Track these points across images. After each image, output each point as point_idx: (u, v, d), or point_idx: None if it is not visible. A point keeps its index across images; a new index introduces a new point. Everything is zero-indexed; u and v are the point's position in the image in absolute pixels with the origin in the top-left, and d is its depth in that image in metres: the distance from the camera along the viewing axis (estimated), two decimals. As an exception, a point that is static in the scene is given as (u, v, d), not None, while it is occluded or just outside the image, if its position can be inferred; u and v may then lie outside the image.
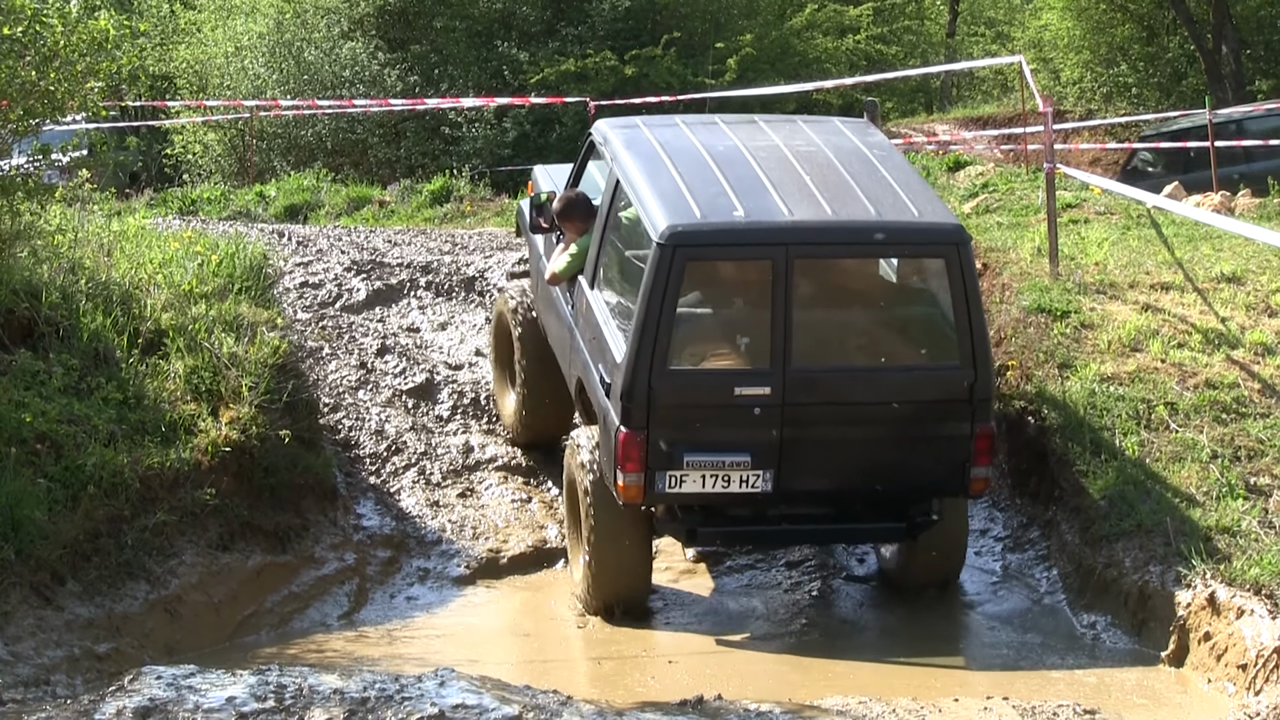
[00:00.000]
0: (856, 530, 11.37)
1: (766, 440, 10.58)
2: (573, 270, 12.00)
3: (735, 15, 32.57)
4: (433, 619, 11.72)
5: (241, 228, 17.82)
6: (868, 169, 11.38)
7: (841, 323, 11.15)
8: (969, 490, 10.91)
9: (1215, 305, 13.36)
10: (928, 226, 10.81)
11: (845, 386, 10.70)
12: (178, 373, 12.18)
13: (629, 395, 10.50)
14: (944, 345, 10.83)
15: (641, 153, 11.58)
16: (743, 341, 10.84)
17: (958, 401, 10.68)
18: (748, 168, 11.23)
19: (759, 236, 10.59)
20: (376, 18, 31.30)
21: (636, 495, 10.67)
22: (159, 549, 11.24)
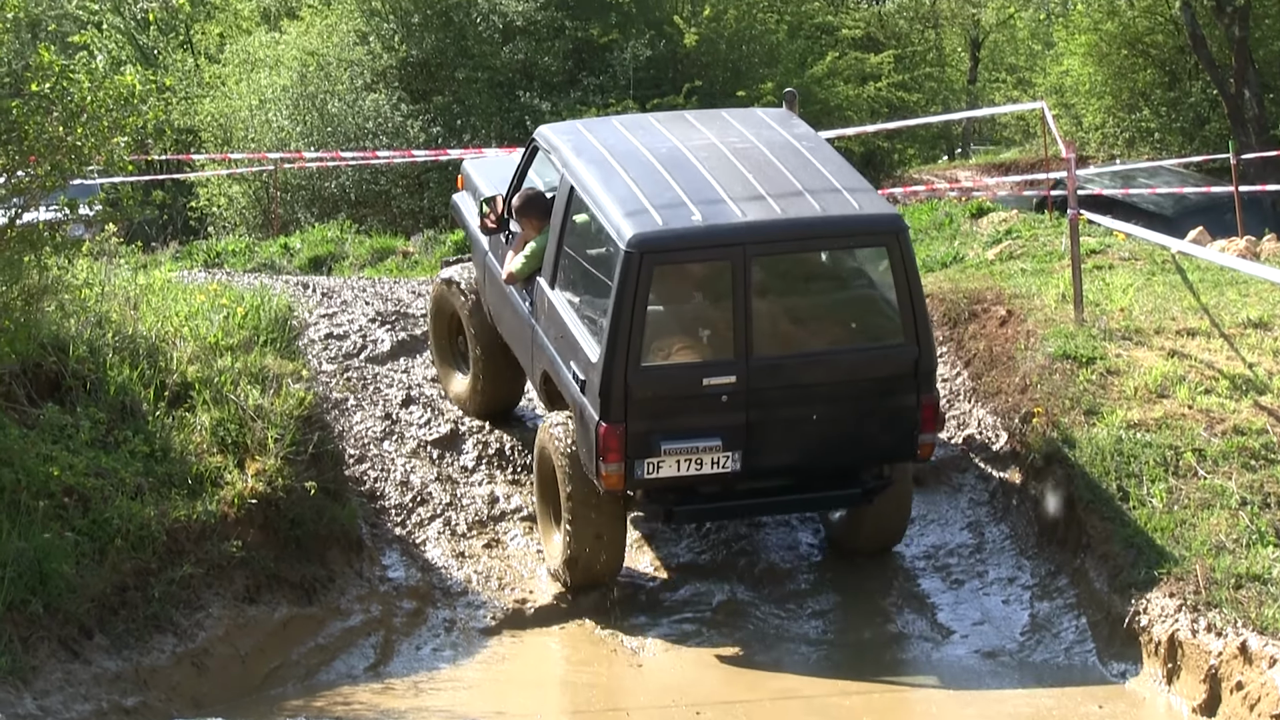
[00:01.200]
0: (818, 498, 12.28)
1: (734, 424, 11.49)
2: (529, 270, 12.70)
3: (756, 64, 32.65)
4: (459, 671, 11.70)
5: (266, 280, 17.86)
6: (802, 162, 12.25)
7: (796, 312, 12.03)
8: (918, 455, 11.90)
9: (1242, 351, 13.33)
10: (869, 218, 11.73)
11: (803, 370, 11.62)
12: (204, 425, 12.22)
13: (607, 392, 11.36)
14: (889, 326, 11.80)
15: (592, 159, 12.36)
16: (707, 335, 11.72)
17: (905, 376, 11.67)
18: (693, 169, 12.07)
19: (718, 239, 11.49)
20: (399, 70, 31.42)
21: (618, 483, 11.52)
22: (186, 602, 11.26)
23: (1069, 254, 14.62)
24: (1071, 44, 35.80)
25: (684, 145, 12.45)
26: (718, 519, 12.86)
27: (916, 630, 12.04)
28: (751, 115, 13.30)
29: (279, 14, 35.26)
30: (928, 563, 12.84)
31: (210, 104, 32.68)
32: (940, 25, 45.37)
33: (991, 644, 11.77)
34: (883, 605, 12.39)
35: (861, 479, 12.06)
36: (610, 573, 12.29)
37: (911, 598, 12.44)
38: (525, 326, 12.88)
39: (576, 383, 11.75)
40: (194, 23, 38.60)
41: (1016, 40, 44.41)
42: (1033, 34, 40.76)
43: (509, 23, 31.23)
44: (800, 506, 12.64)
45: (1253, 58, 30.83)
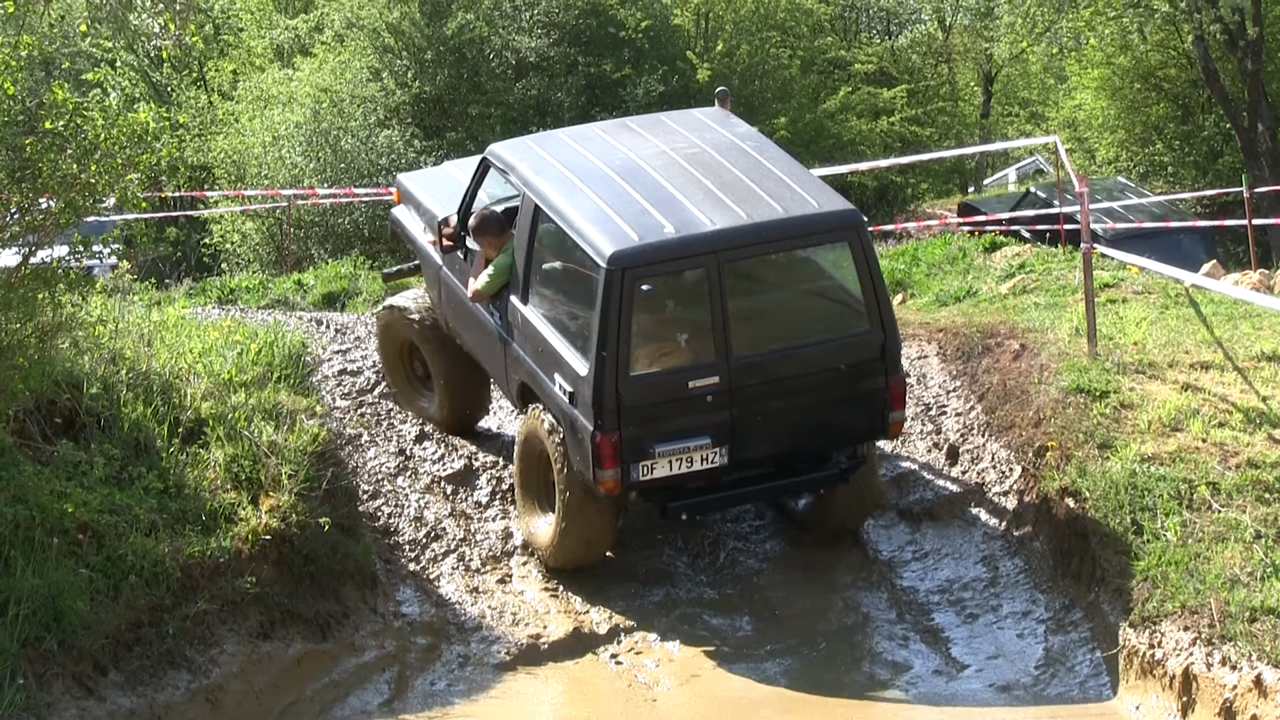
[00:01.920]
0: (800, 481, 12.83)
1: (720, 421, 12.07)
2: (496, 287, 13.11)
3: (770, 99, 32.77)
4: (473, 706, 11.70)
5: (280, 316, 17.91)
6: (752, 163, 12.79)
7: (769, 310, 12.61)
8: (888, 433, 12.60)
9: (1256, 384, 13.33)
10: (830, 216, 12.28)
11: (780, 365, 12.21)
12: (218, 461, 12.26)
13: (600, 403, 11.86)
14: (855, 314, 12.39)
15: (552, 177, 12.81)
16: (688, 340, 12.27)
17: (873, 360, 12.32)
18: (652, 180, 12.55)
19: (693, 249, 11.98)
20: (412, 106, 31.55)
21: (615, 487, 12.07)
22: (200, 638, 11.28)
23: (1082, 288, 14.65)
24: (1084, 78, 35.88)
25: (636, 155, 12.91)
26: (709, 510, 13.31)
27: (931, 664, 12.04)
28: (691, 118, 13.83)
29: (292, 51, 35.45)
30: (942, 596, 12.84)
31: (224, 141, 32.83)
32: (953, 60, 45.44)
33: (1006, 678, 11.76)
34: (897, 639, 12.38)
35: (837, 460, 12.68)
36: (597, 561, 12.93)
37: (926, 631, 12.44)
38: (496, 341, 13.27)
39: (564, 394, 12.20)
40: (208, 60, 38.80)
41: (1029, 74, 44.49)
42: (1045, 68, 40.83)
43: (522, 59, 31.37)
44: (784, 490, 13.11)
45: (1265, 91, 30.85)
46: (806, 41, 36.67)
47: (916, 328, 15.95)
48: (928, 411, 14.65)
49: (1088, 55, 34.88)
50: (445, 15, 31.37)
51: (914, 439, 14.43)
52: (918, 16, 46.03)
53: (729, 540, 13.57)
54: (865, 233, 12.26)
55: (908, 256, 19.69)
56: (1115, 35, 32.21)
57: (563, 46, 31.50)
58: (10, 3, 11.94)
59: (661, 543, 13.51)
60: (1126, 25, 31.02)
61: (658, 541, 13.51)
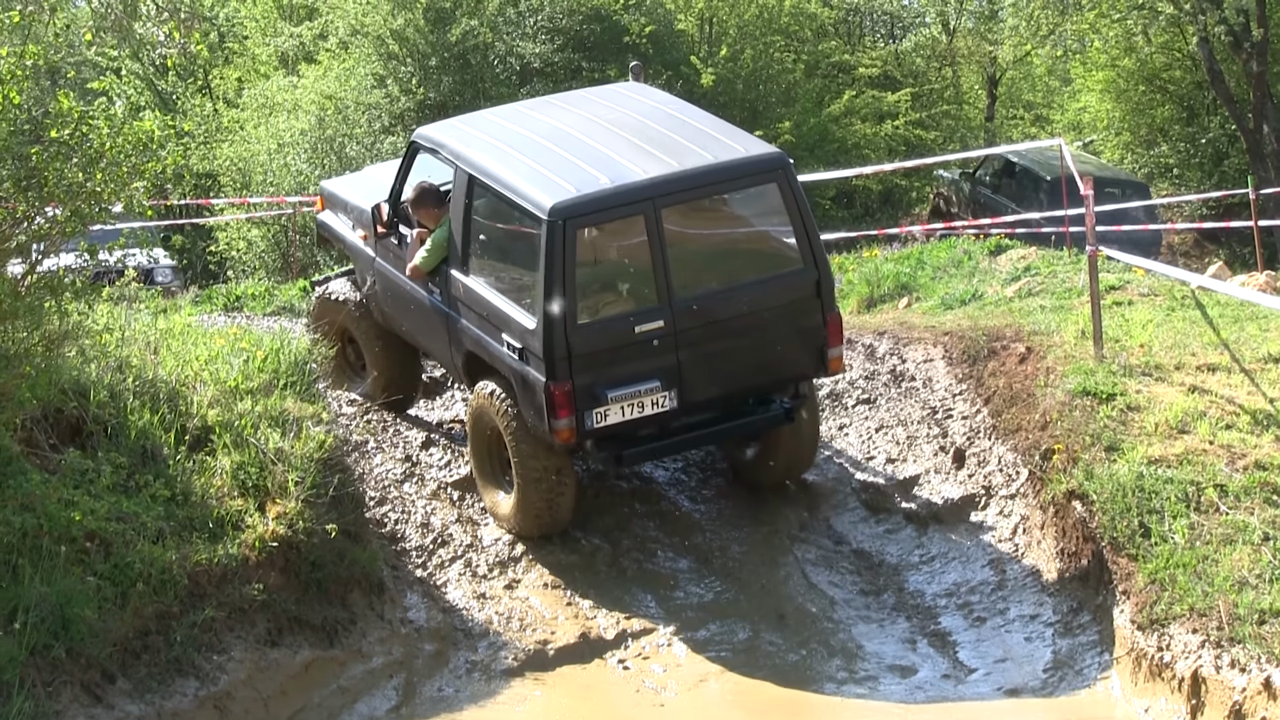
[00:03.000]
0: (747, 422, 13.22)
1: (668, 365, 12.49)
2: (434, 262, 13.47)
3: (773, 103, 32.79)
4: (481, 712, 11.71)
5: (286, 323, 17.93)
6: (677, 122, 13.26)
7: (706, 253, 13.00)
8: (829, 368, 13.04)
9: (1263, 386, 13.32)
10: (757, 159, 12.79)
11: (721, 305, 12.61)
12: (224, 469, 12.26)
13: (550, 354, 12.22)
14: (789, 254, 12.83)
15: (482, 148, 13.21)
16: (630, 286, 12.62)
17: (808, 298, 12.77)
18: (580, 142, 12.96)
19: (629, 196, 12.38)
20: (417, 112, 31.56)
21: (570, 436, 12.41)
22: (208, 645, 11.28)
23: (1088, 290, 14.64)
24: (1089, 80, 35.88)
25: (562, 124, 13.37)
26: (663, 455, 13.70)
27: (939, 668, 12.03)
28: (611, 91, 14.43)
29: (297, 58, 35.48)
30: (949, 600, 12.83)
31: (229, 148, 32.85)
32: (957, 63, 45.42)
33: (1014, 681, 11.76)
34: (904, 643, 12.38)
35: (781, 401, 13.16)
36: (564, 521, 13.26)
37: (933, 635, 12.44)
38: (437, 317, 13.64)
39: (514, 352, 12.58)
40: (212, 68, 38.83)
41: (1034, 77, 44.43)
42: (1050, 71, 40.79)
43: (526, 65, 31.40)
44: (732, 432, 13.45)
45: (1271, 93, 30.83)
46: (810, 46, 36.66)
47: (922, 331, 15.95)
48: (934, 415, 14.65)
49: (1092, 58, 34.86)
50: (449, 22, 31.40)
51: (920, 442, 14.43)
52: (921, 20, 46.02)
53: (734, 545, 13.57)
54: (792, 173, 12.71)
55: (913, 260, 19.69)
56: (1120, 37, 32.22)
57: (566, 52, 31.53)
58: (15, 12, 11.95)
59: (667, 546, 13.51)
60: (1131, 27, 31.03)
61: (664, 545, 13.51)
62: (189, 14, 16.18)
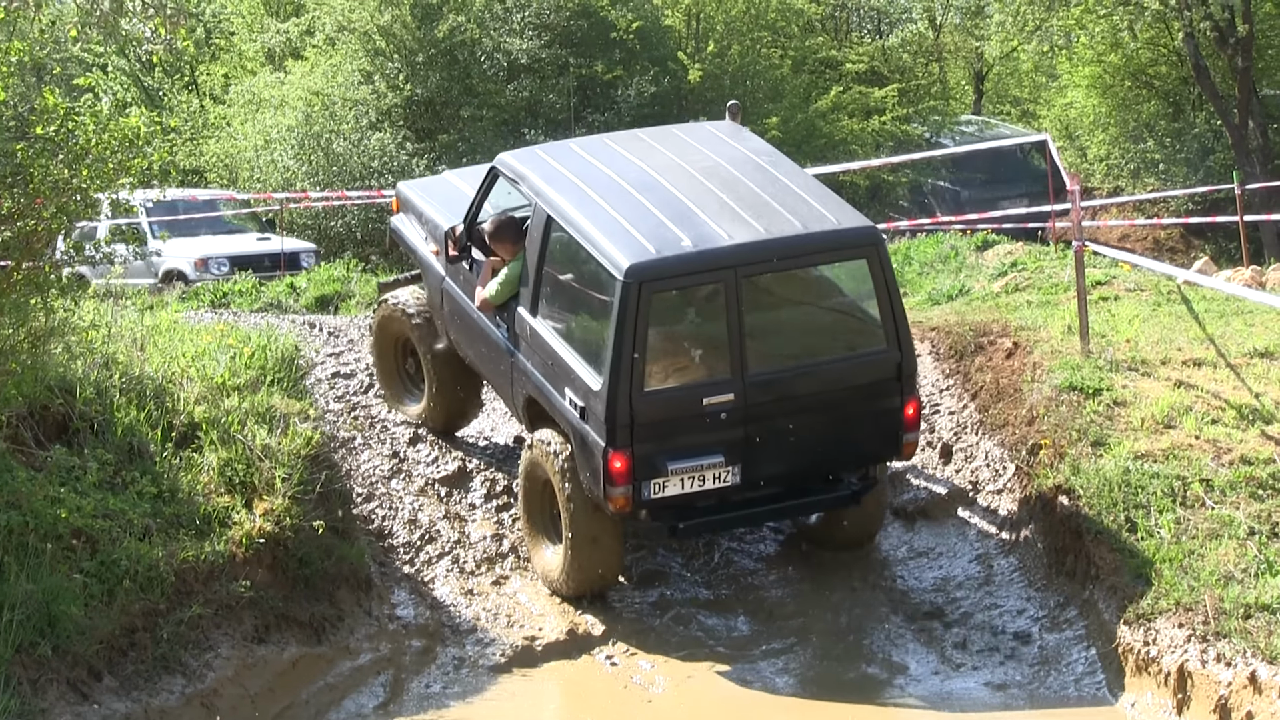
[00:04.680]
0: (811, 502, 12.73)
1: (734, 439, 11.87)
2: (505, 297, 12.89)
3: (761, 99, 32.71)
4: (469, 708, 11.70)
5: (273, 320, 17.91)
6: (768, 178, 12.57)
7: (785, 327, 12.48)
8: (903, 453, 12.44)
9: (1249, 380, 13.33)
10: (849, 232, 12.08)
11: (795, 383, 12.01)
12: (211, 466, 12.25)
13: (613, 419, 11.62)
14: (872, 333, 12.25)
15: (564, 188, 12.57)
16: (703, 355, 12.03)
17: (888, 380, 12.16)
18: (667, 193, 12.30)
19: (710, 263, 11.74)
20: (404, 109, 31.50)
21: (625, 505, 11.82)
22: (195, 642, 11.27)
23: (1074, 285, 14.65)
24: (1075, 76, 35.85)
25: (649, 167, 12.72)
26: (720, 530, 13.22)
27: (926, 663, 12.04)
28: (703, 131, 13.67)
29: (283, 54, 35.40)
30: (937, 595, 12.84)
31: (216, 145, 32.79)
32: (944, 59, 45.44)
33: (1002, 677, 11.76)
34: (892, 638, 12.39)
35: (849, 481, 12.59)
36: (610, 583, 12.76)
37: (921, 630, 12.44)
38: (501, 352, 13.06)
39: (575, 409, 11.97)
40: (199, 64, 38.75)
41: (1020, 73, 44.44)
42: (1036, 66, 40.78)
43: (513, 61, 31.34)
44: (795, 511, 12.98)
45: (1256, 88, 30.84)
46: (797, 41, 36.58)
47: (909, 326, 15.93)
48: (921, 410, 14.64)
49: (1078, 53, 34.85)
50: (436, 18, 31.33)
51: (907, 438, 14.42)
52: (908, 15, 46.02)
53: (723, 540, 13.56)
54: (884, 250, 12.10)
55: (900, 255, 19.69)
56: (1106, 33, 32.19)
57: (554, 48, 31.44)
58: (0, 9, 11.93)
59: (655, 544, 13.50)
60: (1117, 23, 31.00)
61: (650, 543, 13.50)
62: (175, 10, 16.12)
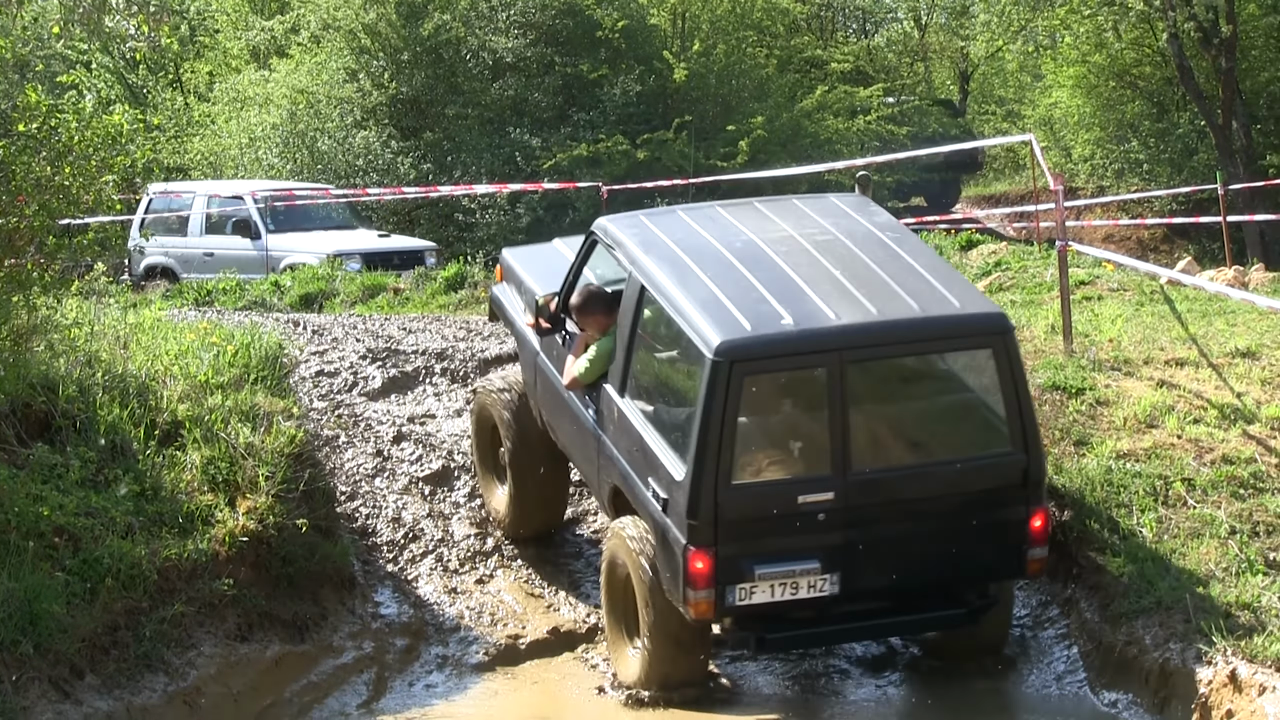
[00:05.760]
0: (920, 620, 11.27)
1: (832, 544, 10.54)
2: (595, 375, 11.71)
3: (746, 98, 32.77)
4: (452, 707, 11.71)
5: (257, 318, 17.90)
6: (890, 255, 11.32)
7: (895, 421, 11.07)
8: (1025, 571, 11.00)
9: (1231, 380, 13.37)
10: (973, 318, 10.83)
11: (905, 485, 10.69)
12: (194, 464, 12.25)
13: (695, 513, 10.38)
14: (996, 433, 10.87)
15: (662, 256, 11.38)
16: (800, 448, 10.75)
17: (1013, 487, 10.76)
18: (774, 266, 11.09)
19: (812, 344, 10.50)
20: (389, 107, 31.54)
21: (707, 610, 10.55)
22: (177, 640, 11.27)
23: (1058, 285, 14.68)
24: (1060, 76, 35.98)
25: (759, 238, 11.53)
26: (813, 645, 11.85)
27: (907, 661, 12.05)
28: (827, 203, 12.40)
29: (268, 52, 35.42)
30: (919, 595, 12.83)
31: (200, 142, 32.79)
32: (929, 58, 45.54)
33: (982, 674, 11.77)
34: (875, 637, 12.39)
35: (965, 598, 11.18)
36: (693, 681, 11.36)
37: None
38: (589, 435, 11.86)
39: (657, 501, 10.77)
40: (183, 62, 38.74)
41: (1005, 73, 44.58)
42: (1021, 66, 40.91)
43: (499, 59, 31.37)
44: (901, 629, 11.60)
45: (1240, 89, 30.96)
46: (783, 41, 36.70)
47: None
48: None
49: (1063, 53, 34.96)
50: (421, 16, 31.35)
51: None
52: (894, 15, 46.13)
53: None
54: (1012, 340, 10.80)
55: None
56: (1090, 33, 32.32)
57: (539, 47, 31.48)
58: (-17, 6, 11.93)
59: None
60: (1101, 23, 31.12)
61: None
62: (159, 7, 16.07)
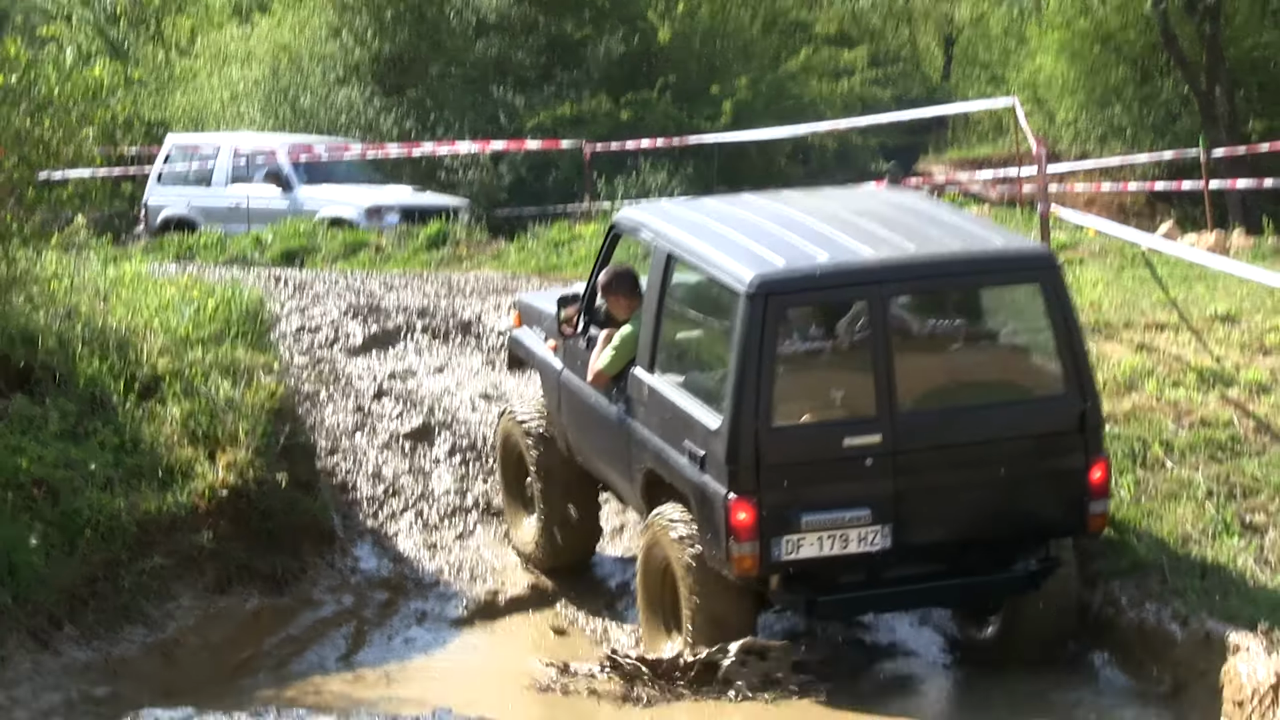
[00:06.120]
0: (979, 584, 10.57)
1: (882, 492, 10.00)
2: (621, 363, 11.15)
3: (730, 59, 32.69)
4: (430, 661, 11.74)
5: (238, 273, 17.88)
6: (929, 216, 11.07)
7: (943, 361, 10.57)
8: (1087, 527, 10.44)
9: (1210, 344, 13.41)
10: (1018, 252, 10.64)
11: (955, 428, 10.20)
12: (174, 417, 12.24)
13: (734, 458, 9.85)
14: (1048, 375, 10.43)
15: (689, 224, 11.09)
16: (844, 389, 10.25)
17: (1069, 433, 10.25)
18: (808, 225, 10.68)
19: (851, 277, 10.12)
20: (372, 64, 31.40)
21: (752, 566, 9.92)
22: (156, 592, 11.29)
23: (1039, 248, 14.68)
24: (1044, 41, 35.86)
25: (791, 209, 11.22)
26: (867, 611, 11.22)
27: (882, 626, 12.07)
28: (859, 190, 12.00)
29: (250, 7, 35.23)
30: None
31: (182, 97, 32.65)
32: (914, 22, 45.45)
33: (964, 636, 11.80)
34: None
35: (1024, 560, 10.49)
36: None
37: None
38: (618, 432, 11.22)
39: (694, 462, 10.20)
40: (164, 16, 38.51)
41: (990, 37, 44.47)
42: (1006, 31, 40.82)
43: (482, 18, 31.27)
44: (961, 593, 10.79)
45: (1224, 55, 30.93)
46: (767, 2, 36.58)
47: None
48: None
49: (1047, 18, 34.87)
50: (405, -27, 31.26)
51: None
52: (879, -22, 46.01)
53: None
54: (1060, 276, 10.33)
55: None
56: (1075, -2, 32.28)
57: (523, 5, 31.35)
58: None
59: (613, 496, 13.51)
60: (1086, -13, 31.09)
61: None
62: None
